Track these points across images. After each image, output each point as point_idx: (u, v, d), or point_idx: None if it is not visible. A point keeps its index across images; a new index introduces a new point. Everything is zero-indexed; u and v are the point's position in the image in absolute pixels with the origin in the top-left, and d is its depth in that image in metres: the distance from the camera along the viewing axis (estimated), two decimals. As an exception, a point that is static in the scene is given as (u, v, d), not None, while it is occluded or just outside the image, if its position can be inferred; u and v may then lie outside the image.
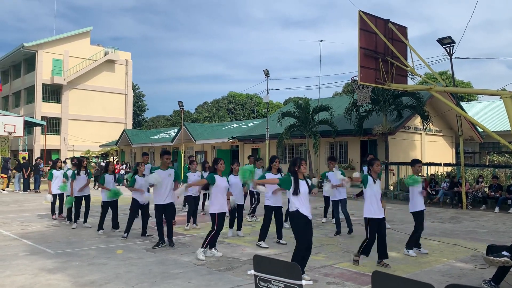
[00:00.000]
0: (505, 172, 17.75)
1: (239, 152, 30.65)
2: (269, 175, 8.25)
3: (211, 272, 6.37)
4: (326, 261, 7.07)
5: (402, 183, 18.61)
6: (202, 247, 7.20)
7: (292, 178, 5.97)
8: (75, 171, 10.68)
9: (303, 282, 2.74)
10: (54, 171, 11.93)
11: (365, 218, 6.79)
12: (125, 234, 9.02)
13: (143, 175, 9.41)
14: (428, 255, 7.54)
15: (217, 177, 7.30)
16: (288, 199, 6.12)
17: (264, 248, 8.07)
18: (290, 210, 5.95)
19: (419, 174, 7.80)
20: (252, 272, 3.00)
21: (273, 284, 2.75)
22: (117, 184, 10.23)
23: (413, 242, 7.64)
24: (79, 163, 10.86)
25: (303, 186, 5.95)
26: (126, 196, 10.49)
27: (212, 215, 7.19)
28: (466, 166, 17.86)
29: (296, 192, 5.87)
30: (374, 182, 6.87)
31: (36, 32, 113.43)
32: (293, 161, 6.17)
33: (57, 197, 11.84)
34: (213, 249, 7.43)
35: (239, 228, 9.38)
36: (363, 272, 6.39)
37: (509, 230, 10.39)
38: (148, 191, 9.36)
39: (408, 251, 7.57)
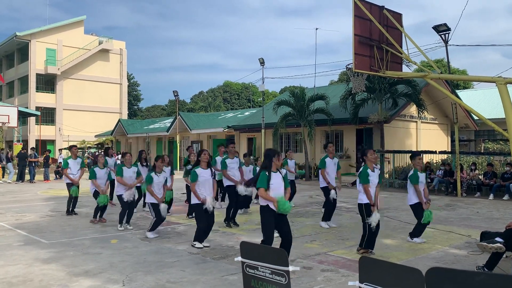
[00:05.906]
0: (500, 159, 17.82)
1: (234, 141, 30.60)
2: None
3: (206, 261, 6.37)
4: (320, 249, 7.09)
5: (397, 171, 18.68)
6: None
7: (266, 173, 5.73)
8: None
9: (290, 268, 2.73)
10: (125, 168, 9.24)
11: (360, 204, 6.73)
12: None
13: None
14: (423, 242, 7.56)
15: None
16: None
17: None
18: (260, 204, 5.80)
19: (419, 166, 7.56)
20: (239, 259, 2.99)
21: (260, 270, 2.75)
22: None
23: (418, 232, 7.56)
24: (139, 156, 10.74)
25: (275, 178, 5.74)
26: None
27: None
28: (461, 153, 17.91)
29: (268, 185, 5.64)
30: (373, 171, 6.81)
31: (29, 22, 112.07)
32: (266, 154, 5.91)
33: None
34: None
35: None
36: (357, 259, 6.40)
37: (502, 217, 10.46)
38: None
39: (413, 239, 7.57)
